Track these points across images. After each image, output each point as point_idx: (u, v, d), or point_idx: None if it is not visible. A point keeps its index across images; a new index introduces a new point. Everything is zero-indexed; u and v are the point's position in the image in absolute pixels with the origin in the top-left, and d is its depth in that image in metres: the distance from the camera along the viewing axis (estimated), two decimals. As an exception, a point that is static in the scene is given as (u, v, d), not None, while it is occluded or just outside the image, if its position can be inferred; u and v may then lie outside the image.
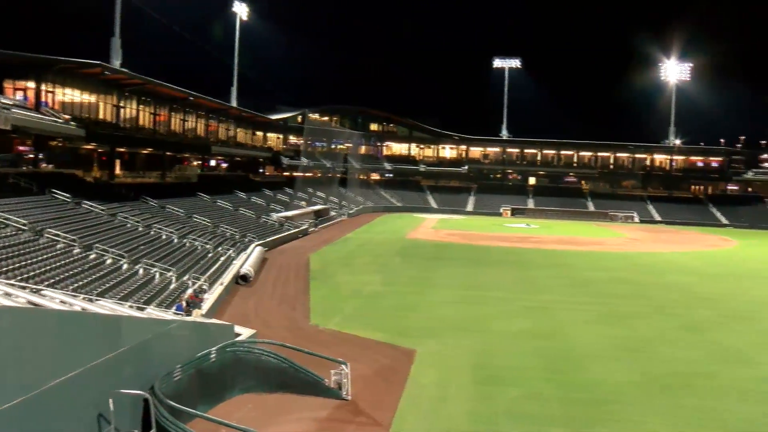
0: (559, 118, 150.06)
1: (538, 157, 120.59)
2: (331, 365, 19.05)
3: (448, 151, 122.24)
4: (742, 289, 40.77)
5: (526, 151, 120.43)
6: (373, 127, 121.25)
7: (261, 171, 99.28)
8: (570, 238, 71.47)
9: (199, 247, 40.86)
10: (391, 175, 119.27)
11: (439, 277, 41.42)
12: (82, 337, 12.84)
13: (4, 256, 24.22)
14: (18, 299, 13.89)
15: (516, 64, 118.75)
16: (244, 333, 22.68)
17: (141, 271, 30.32)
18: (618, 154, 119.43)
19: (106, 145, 54.13)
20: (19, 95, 43.49)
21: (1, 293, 13.95)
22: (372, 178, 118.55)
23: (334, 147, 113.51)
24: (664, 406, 18.58)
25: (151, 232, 39.80)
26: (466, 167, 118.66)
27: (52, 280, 23.33)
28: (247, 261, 39.95)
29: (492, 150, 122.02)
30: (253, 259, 41.12)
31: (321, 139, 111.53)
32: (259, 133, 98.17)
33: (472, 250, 57.57)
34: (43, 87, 44.40)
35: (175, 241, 40.19)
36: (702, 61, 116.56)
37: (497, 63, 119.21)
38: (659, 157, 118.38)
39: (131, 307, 22.21)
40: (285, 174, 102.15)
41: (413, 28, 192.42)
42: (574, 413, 17.91)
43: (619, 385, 20.27)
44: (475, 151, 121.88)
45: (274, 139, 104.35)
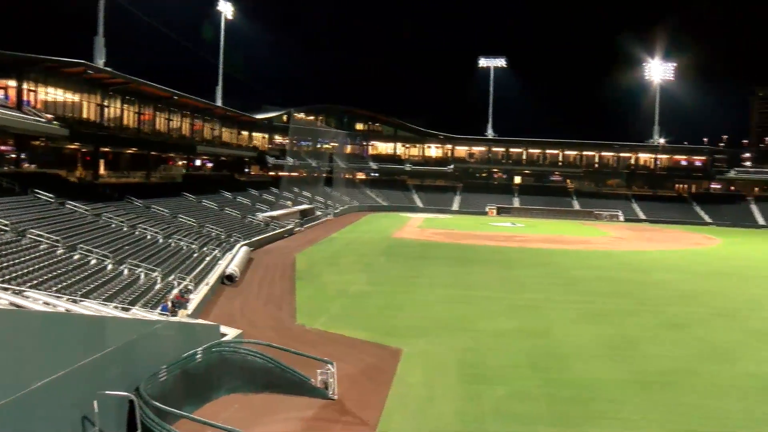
0: (544, 118, 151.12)
1: (524, 156, 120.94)
2: (318, 365, 19.00)
3: (434, 151, 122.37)
4: (725, 286, 41.15)
5: (512, 150, 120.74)
6: (359, 126, 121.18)
7: (246, 171, 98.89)
8: (556, 237, 71.76)
9: (184, 247, 40.63)
10: (376, 174, 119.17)
11: (425, 276, 41.43)
12: (66, 339, 12.71)
13: (-14, 257, 23.98)
14: (0, 301, 13.74)
15: (501, 63, 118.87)
16: (230, 333, 22.60)
17: (126, 271, 30.11)
18: (603, 153, 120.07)
19: (90, 145, 53.72)
20: (-1, 94, 43.10)
21: (-17, 295, 13.80)
22: (357, 177, 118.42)
23: (319, 146, 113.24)
24: (650, 403, 18.72)
25: (136, 233, 39.55)
26: (452, 166, 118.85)
27: (35, 282, 23.07)
28: (232, 261, 39.78)
29: (477, 149, 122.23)
30: (239, 259, 40.95)
31: (306, 138, 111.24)
32: (245, 133, 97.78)
33: (458, 249, 57.65)
34: (25, 86, 43.90)
35: (161, 241, 39.96)
36: (686, 61, 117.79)
37: (482, 62, 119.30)
38: (644, 156, 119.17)
39: (116, 307, 22.05)
40: (270, 174, 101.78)
41: (399, 27, 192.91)
42: (561, 411, 17.98)
43: (606, 383, 20.39)
44: (461, 151, 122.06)
45: (259, 138, 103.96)
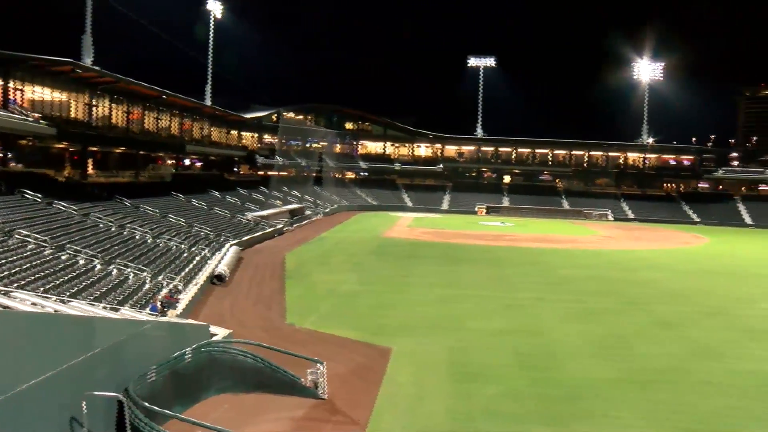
0: (533, 117, 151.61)
1: (513, 156, 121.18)
2: (308, 364, 18.97)
3: (423, 150, 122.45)
4: (713, 285, 41.38)
5: (501, 149, 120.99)
6: (348, 125, 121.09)
7: (236, 170, 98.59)
8: (545, 236, 71.95)
9: (173, 247, 40.48)
10: (366, 173, 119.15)
11: (415, 275, 41.47)
12: (54, 339, 12.64)
13: (-27, 257, 23.80)
14: (-12, 301, 13.65)
15: (491, 62, 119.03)
16: (220, 333, 22.53)
17: (115, 271, 29.95)
18: (592, 153, 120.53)
19: (78, 144, 53.36)
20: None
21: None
22: (347, 176, 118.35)
23: (309, 146, 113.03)
24: (638, 402, 18.81)
25: (125, 232, 39.36)
26: (442, 166, 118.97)
27: (23, 282, 22.89)
28: (222, 261, 39.66)
29: (467, 148, 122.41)
30: (228, 258, 40.83)
31: (296, 137, 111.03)
32: (234, 132, 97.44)
33: (448, 248, 57.70)
34: (11, 84, 43.50)
35: (150, 241, 39.79)
36: (674, 61, 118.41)
37: (472, 62, 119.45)
38: (632, 156, 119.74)
39: (105, 308, 21.95)
40: (260, 173, 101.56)
41: (388, 27, 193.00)
42: (551, 410, 18.04)
43: (595, 382, 20.47)
44: (450, 150, 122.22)
45: (249, 138, 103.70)
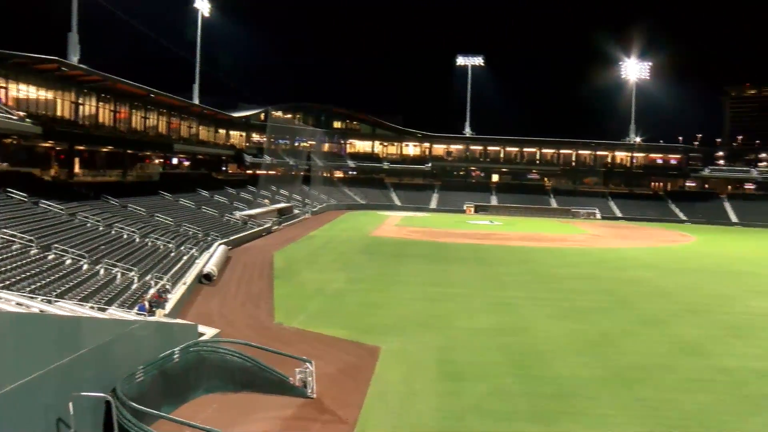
0: (522, 116, 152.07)
1: (501, 155, 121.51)
2: (296, 363, 18.94)
3: (412, 149, 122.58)
4: (698, 283, 41.66)
5: (489, 148, 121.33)
6: (337, 124, 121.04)
7: (224, 169, 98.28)
8: (533, 235, 72.19)
9: (161, 247, 40.29)
10: (354, 172, 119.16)
11: (403, 274, 41.49)
12: (40, 340, 12.55)
13: (-42, 257, 23.59)
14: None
15: (479, 61, 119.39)
16: (208, 332, 22.48)
17: (102, 271, 29.74)
18: (580, 152, 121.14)
19: (64, 143, 52.94)
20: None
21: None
22: (335, 175, 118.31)
23: (297, 145, 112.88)
24: (625, 399, 18.92)
25: (112, 232, 39.13)
26: (430, 164, 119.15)
27: (8, 282, 22.67)
28: (210, 260, 39.52)
29: (455, 147, 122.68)
30: (217, 258, 40.69)
31: (284, 136, 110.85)
32: (222, 131, 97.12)
33: (436, 247, 57.79)
34: (-5, 82, 43.28)
35: (137, 240, 39.58)
36: (661, 61, 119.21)
37: (460, 60, 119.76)
38: (620, 155, 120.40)
39: (92, 308, 21.80)
40: (248, 172, 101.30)
41: (376, 26, 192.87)
42: (540, 408, 18.11)
43: (583, 379, 20.57)
44: (439, 149, 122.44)
45: (237, 136, 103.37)
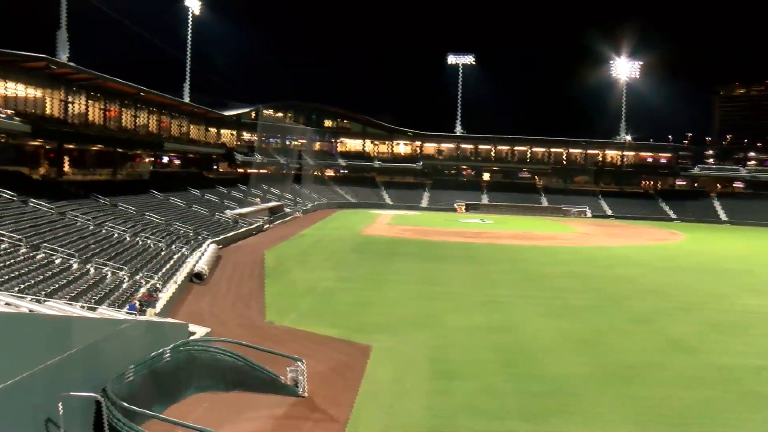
0: (513, 115, 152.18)
1: (492, 153, 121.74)
2: (287, 362, 18.92)
3: (403, 147, 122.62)
4: (688, 281, 41.84)
5: (480, 147, 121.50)
6: (328, 123, 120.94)
7: (215, 168, 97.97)
8: (524, 233, 72.36)
9: (152, 246, 40.15)
10: (345, 171, 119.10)
11: (394, 272, 41.51)
12: (29, 340, 12.47)
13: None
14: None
15: (470, 60, 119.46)
16: (199, 331, 22.40)
17: (92, 270, 29.62)
18: (571, 150, 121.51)
19: (53, 142, 52.70)
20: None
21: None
22: (326, 174, 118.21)
23: (288, 143, 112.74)
24: (616, 396, 18.98)
25: (102, 231, 38.98)
26: (421, 163, 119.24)
27: (-3, 281, 22.64)
28: (201, 259, 39.42)
29: (446, 146, 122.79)
30: (208, 256, 40.59)
31: (275, 135, 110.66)
32: (213, 130, 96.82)
33: (427, 245, 57.84)
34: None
35: (127, 239, 39.43)
36: (651, 60, 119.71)
37: (451, 59, 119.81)
38: (611, 153, 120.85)
39: (82, 307, 21.72)
40: (239, 170, 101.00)
41: (367, 24, 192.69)
42: (531, 406, 18.14)
43: (574, 377, 20.61)
44: (430, 147, 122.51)
45: (227, 135, 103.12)
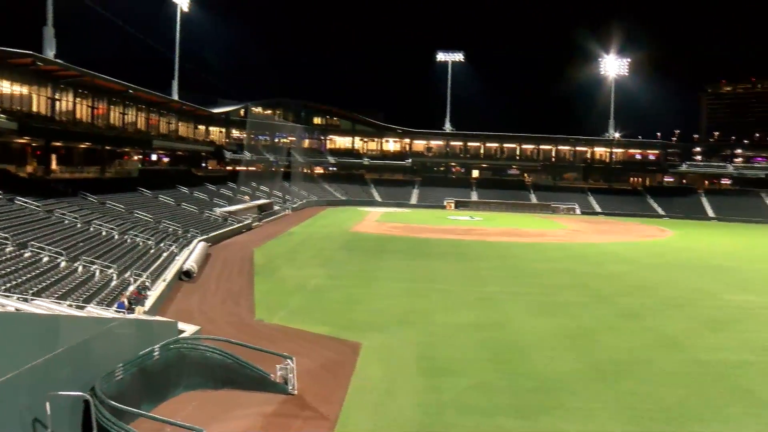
0: (502, 112, 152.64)
1: (481, 150, 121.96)
2: (277, 360, 18.90)
3: (392, 145, 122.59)
4: (677, 277, 42.10)
5: (470, 144, 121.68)
6: (317, 120, 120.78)
7: (204, 165, 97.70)
8: (513, 230, 72.56)
9: (140, 243, 39.98)
10: (334, 168, 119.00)
11: (384, 270, 41.52)
12: (16, 339, 12.40)
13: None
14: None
15: (459, 57, 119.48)
16: (188, 329, 22.30)
17: (80, 268, 29.46)
18: (560, 147, 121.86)
19: (40, 139, 52.29)
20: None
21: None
22: (316, 171, 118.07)
23: (277, 141, 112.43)
24: (605, 392, 19.07)
25: (91, 229, 38.77)
26: (410, 160, 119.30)
27: (-16, 280, 22.47)
28: (190, 257, 39.28)
29: (435, 143, 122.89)
30: (197, 254, 40.47)
31: (264, 132, 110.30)
32: (202, 127, 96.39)
33: (417, 242, 57.90)
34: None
35: (116, 237, 39.24)
36: (639, 57, 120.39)
37: (440, 56, 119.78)
38: (599, 150, 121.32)
39: (70, 306, 21.60)
40: (228, 168, 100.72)
41: (356, 21, 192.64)
42: (521, 402, 18.19)
43: (564, 373, 20.68)
44: (419, 145, 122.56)
45: (216, 133, 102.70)
